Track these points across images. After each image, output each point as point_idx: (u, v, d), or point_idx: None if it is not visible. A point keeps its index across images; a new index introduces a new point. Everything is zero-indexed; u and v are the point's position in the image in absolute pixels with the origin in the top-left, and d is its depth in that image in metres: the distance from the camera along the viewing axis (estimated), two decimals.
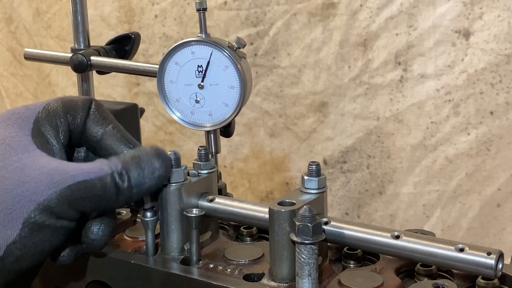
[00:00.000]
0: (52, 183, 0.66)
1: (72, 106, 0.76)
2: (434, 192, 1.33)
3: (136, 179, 0.70)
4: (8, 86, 1.87)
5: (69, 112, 0.76)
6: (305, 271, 0.66)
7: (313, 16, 1.36)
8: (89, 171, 0.68)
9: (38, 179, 0.66)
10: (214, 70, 0.87)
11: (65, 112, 0.75)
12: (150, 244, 0.77)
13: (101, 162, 0.70)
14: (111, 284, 0.77)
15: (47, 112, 0.74)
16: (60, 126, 0.75)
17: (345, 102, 1.37)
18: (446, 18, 1.25)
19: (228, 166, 1.53)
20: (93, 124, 0.77)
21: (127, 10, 1.58)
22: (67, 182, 0.66)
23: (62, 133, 0.75)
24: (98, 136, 0.76)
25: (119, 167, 0.70)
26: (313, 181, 0.73)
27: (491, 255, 0.64)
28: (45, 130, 0.73)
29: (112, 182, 0.69)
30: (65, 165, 0.69)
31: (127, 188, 0.70)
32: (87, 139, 0.77)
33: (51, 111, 0.75)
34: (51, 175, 0.67)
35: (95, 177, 0.68)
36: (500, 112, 1.24)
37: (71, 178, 0.67)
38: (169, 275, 0.73)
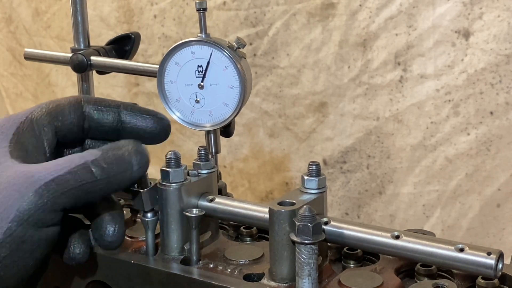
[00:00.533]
0: (19, 193, 0.63)
1: (59, 110, 0.74)
2: (434, 192, 1.33)
3: (113, 166, 0.67)
4: (8, 86, 1.87)
5: (56, 118, 0.74)
6: (305, 271, 0.66)
7: (312, 16, 1.36)
8: (58, 167, 0.65)
9: (6, 194, 0.63)
10: (214, 70, 0.87)
11: (51, 119, 0.73)
12: (150, 244, 0.77)
13: (75, 155, 0.67)
14: (111, 284, 0.77)
15: (29, 122, 0.72)
16: (44, 134, 0.72)
17: (344, 102, 1.37)
18: (445, 18, 1.25)
19: (228, 166, 1.53)
20: (100, 114, 0.75)
21: (126, 10, 1.58)
22: (33, 187, 0.63)
23: (47, 141, 0.73)
24: (115, 122, 0.76)
25: (97, 155, 0.67)
26: (313, 181, 0.73)
27: (491, 255, 0.64)
28: (25, 140, 0.71)
29: (86, 172, 0.65)
30: (34, 169, 0.65)
31: (106, 176, 0.66)
32: (101, 131, 0.76)
33: (34, 120, 0.72)
34: (17, 184, 0.63)
35: (65, 172, 0.64)
36: (500, 112, 1.24)
37: (37, 181, 0.63)
38: (169, 275, 0.73)
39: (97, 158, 0.67)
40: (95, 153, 0.68)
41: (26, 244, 0.62)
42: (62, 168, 0.65)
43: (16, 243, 0.62)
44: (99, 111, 0.76)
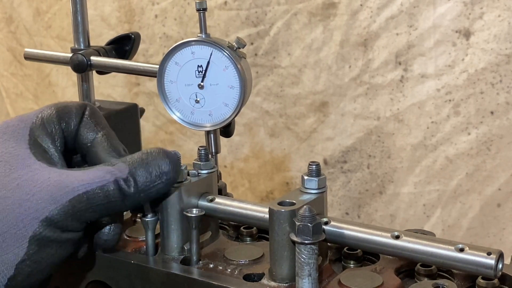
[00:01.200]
0: (53, 198, 0.66)
1: (66, 112, 0.76)
2: (434, 192, 1.33)
3: (143, 183, 0.69)
4: (8, 86, 1.87)
5: (62, 118, 0.75)
6: (305, 271, 0.66)
7: (313, 16, 1.36)
8: (90, 181, 0.68)
9: (39, 195, 0.66)
10: (214, 70, 0.87)
11: (58, 119, 0.75)
12: (150, 244, 0.77)
13: (104, 169, 0.69)
14: (111, 284, 0.77)
15: (41, 121, 0.74)
16: (55, 133, 0.74)
17: (345, 102, 1.37)
18: (446, 18, 1.25)
19: (228, 166, 1.53)
20: (84, 130, 0.76)
21: (127, 10, 1.58)
22: (68, 196, 0.66)
23: (58, 139, 0.75)
24: (89, 142, 0.76)
25: (125, 172, 0.69)
26: (313, 181, 0.72)
27: (491, 255, 0.64)
28: (41, 140, 0.73)
29: (116, 189, 0.68)
30: (65, 177, 0.68)
31: (133, 193, 0.69)
32: (79, 145, 0.77)
33: (45, 119, 0.74)
34: (52, 190, 0.67)
35: (97, 187, 0.67)
36: (501, 112, 1.24)
37: (72, 191, 0.67)
38: (169, 275, 0.73)
39: (127, 177, 0.69)
40: (123, 169, 0.69)
41: (53, 243, 0.67)
42: (94, 182, 0.67)
43: (43, 242, 0.66)
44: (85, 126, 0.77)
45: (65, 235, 0.67)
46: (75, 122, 0.76)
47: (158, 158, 0.71)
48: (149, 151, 0.72)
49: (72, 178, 0.68)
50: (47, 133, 0.74)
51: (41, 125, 0.74)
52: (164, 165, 0.70)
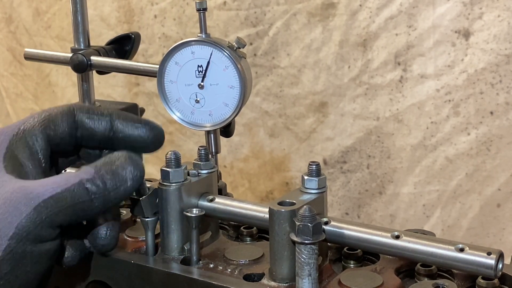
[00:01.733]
0: (18, 211, 0.63)
1: (51, 119, 0.74)
2: (434, 192, 1.33)
3: (111, 182, 0.68)
4: (8, 86, 1.87)
5: (48, 127, 0.73)
6: (305, 271, 0.66)
7: (312, 16, 1.36)
8: (54, 185, 0.65)
9: (3, 211, 0.63)
10: (214, 70, 0.87)
11: (43, 128, 0.73)
12: (150, 244, 0.77)
13: (69, 173, 0.68)
14: (111, 284, 0.77)
15: (22, 133, 0.72)
16: (37, 144, 0.72)
17: (345, 102, 1.37)
18: (446, 18, 1.25)
19: (228, 166, 1.53)
20: (93, 125, 0.75)
21: (126, 10, 1.58)
22: (32, 205, 0.63)
23: (41, 151, 0.72)
24: (106, 132, 0.75)
25: (91, 173, 0.68)
26: (313, 181, 0.72)
27: (491, 255, 0.64)
28: (18, 153, 0.71)
29: (82, 190, 0.66)
30: (30, 185, 0.66)
31: (101, 192, 0.67)
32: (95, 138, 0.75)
33: (26, 131, 0.72)
34: (15, 201, 0.64)
35: (61, 190, 0.65)
36: (500, 112, 1.24)
37: (36, 198, 0.64)
38: (169, 275, 0.73)
39: (92, 177, 0.67)
40: (89, 170, 0.68)
41: (26, 259, 0.63)
42: (59, 186, 0.65)
43: (16, 259, 0.62)
44: (91, 119, 0.75)
45: (39, 247, 0.64)
46: (64, 127, 0.74)
47: (122, 159, 0.70)
48: (113, 153, 0.71)
49: (36, 185, 0.65)
50: (27, 146, 0.71)
51: (21, 137, 0.71)
52: (128, 163, 0.69)
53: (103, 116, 0.76)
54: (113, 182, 0.68)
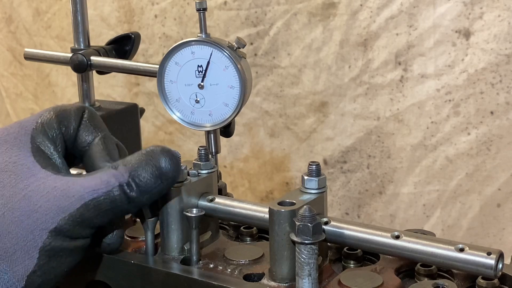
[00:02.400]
0: (61, 208, 0.66)
1: (65, 115, 0.76)
2: (434, 192, 1.33)
3: (144, 186, 0.69)
4: (8, 86, 1.87)
5: (62, 122, 0.75)
6: (305, 271, 0.66)
7: (313, 16, 1.36)
8: (95, 187, 0.68)
9: (47, 206, 0.67)
10: (214, 70, 0.87)
11: (58, 123, 0.75)
12: (150, 244, 0.77)
13: (107, 173, 0.69)
14: (111, 284, 0.77)
15: (41, 127, 0.74)
16: (56, 137, 0.74)
17: (345, 102, 1.37)
18: (446, 18, 1.25)
19: (228, 166, 1.53)
20: (83, 133, 0.76)
21: (126, 10, 1.58)
22: (75, 205, 0.67)
23: (60, 144, 0.74)
24: (86, 145, 0.76)
25: (126, 177, 0.69)
26: (313, 181, 0.72)
27: (491, 255, 0.64)
28: (44, 146, 0.73)
29: (121, 193, 0.68)
30: (72, 185, 0.68)
31: (136, 197, 0.69)
32: (77, 148, 0.77)
33: (45, 124, 0.74)
34: (59, 200, 0.67)
35: (103, 193, 0.68)
36: (501, 112, 1.24)
37: (79, 199, 0.67)
38: (169, 275, 0.73)
39: (128, 181, 0.69)
40: (125, 172, 0.69)
41: (62, 253, 0.67)
42: (100, 188, 0.68)
43: (53, 251, 0.67)
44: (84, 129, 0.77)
45: (74, 243, 0.68)
46: (74, 125, 0.76)
47: (157, 158, 0.70)
48: (149, 150, 0.71)
49: (78, 186, 0.68)
50: (48, 139, 0.74)
51: (41, 130, 0.73)
52: (164, 164, 0.70)
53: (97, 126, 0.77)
54: (147, 186, 0.69)
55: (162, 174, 0.70)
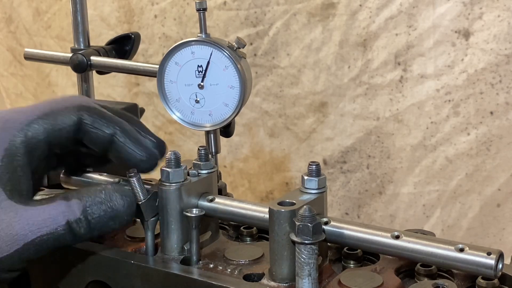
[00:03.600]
0: (1, 248, 0.67)
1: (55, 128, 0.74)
2: (434, 192, 1.33)
3: (96, 224, 0.70)
4: (8, 86, 1.87)
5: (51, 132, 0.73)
6: (305, 271, 0.66)
7: (312, 16, 1.36)
8: (41, 225, 0.68)
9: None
10: (214, 70, 0.87)
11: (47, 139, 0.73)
12: (150, 244, 0.77)
13: (58, 207, 0.69)
14: (111, 284, 0.77)
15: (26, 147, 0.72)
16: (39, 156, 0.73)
17: (345, 102, 1.37)
18: (446, 18, 1.25)
19: (228, 166, 1.53)
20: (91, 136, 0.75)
21: (126, 10, 1.58)
22: (15, 245, 0.67)
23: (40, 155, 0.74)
24: (103, 143, 0.76)
25: (78, 213, 0.69)
26: (313, 181, 0.72)
27: (491, 255, 0.64)
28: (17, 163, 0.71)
29: (67, 231, 0.69)
30: (18, 220, 0.68)
31: (84, 234, 0.70)
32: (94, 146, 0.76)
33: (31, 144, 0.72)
34: (2, 237, 0.67)
35: (47, 231, 0.68)
36: (500, 112, 1.24)
37: (21, 239, 0.67)
38: (169, 275, 0.73)
39: (80, 218, 0.69)
40: (76, 207, 0.69)
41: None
42: (45, 226, 0.68)
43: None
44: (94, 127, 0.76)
45: (10, 274, 0.69)
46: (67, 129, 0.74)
47: (114, 198, 0.71)
48: (107, 188, 0.71)
49: (23, 223, 0.68)
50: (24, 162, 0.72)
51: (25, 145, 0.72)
52: (119, 206, 0.71)
53: (107, 126, 0.76)
54: (98, 224, 0.70)
55: (116, 215, 0.71)
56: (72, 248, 0.77)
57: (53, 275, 0.80)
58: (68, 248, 0.77)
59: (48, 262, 0.79)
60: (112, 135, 0.75)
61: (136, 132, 0.77)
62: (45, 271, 0.80)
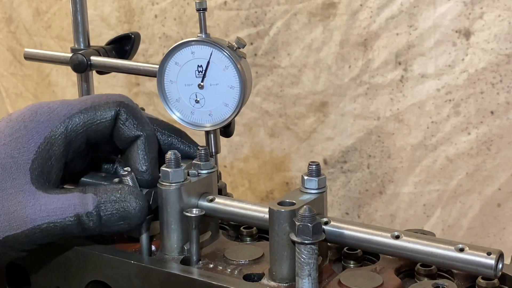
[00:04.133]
0: (12, 227, 0.71)
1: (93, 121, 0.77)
2: (434, 192, 1.33)
3: (107, 221, 0.73)
4: (8, 86, 1.87)
5: (90, 128, 0.77)
6: (305, 271, 0.66)
7: (313, 16, 1.36)
8: (51, 212, 0.71)
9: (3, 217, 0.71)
10: (214, 70, 0.87)
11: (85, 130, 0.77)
12: (145, 243, 0.77)
13: (72, 198, 0.72)
14: (111, 284, 0.77)
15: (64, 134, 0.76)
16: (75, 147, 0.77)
17: (345, 102, 1.37)
18: (446, 18, 1.25)
19: (228, 166, 1.53)
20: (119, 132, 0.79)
21: (127, 10, 1.58)
22: (23, 227, 0.71)
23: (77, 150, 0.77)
24: (126, 143, 0.79)
25: (91, 206, 0.72)
26: (313, 181, 0.72)
27: (491, 255, 0.64)
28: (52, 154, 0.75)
29: (74, 222, 0.72)
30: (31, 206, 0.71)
31: (93, 228, 0.73)
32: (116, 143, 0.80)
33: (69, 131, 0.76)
34: (11, 218, 0.71)
35: (55, 220, 0.71)
36: (501, 111, 1.24)
37: (30, 222, 0.71)
38: (169, 275, 0.73)
39: (91, 212, 0.72)
40: (92, 201, 0.72)
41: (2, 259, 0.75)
42: (54, 215, 0.71)
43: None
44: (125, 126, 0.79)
45: (13, 253, 0.73)
46: (108, 129, 0.78)
47: (129, 199, 0.73)
48: (123, 188, 0.74)
49: (35, 208, 0.71)
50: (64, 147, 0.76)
51: (64, 136, 0.75)
52: (132, 208, 0.73)
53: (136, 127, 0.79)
54: (109, 221, 0.73)
55: (127, 216, 0.73)
56: (72, 248, 0.78)
57: (53, 275, 0.80)
58: (68, 248, 0.78)
59: (48, 262, 0.79)
60: (136, 137, 0.78)
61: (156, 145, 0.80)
62: (45, 271, 0.80)
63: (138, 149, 0.78)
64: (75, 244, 0.78)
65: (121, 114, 0.78)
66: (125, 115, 0.79)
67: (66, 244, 0.78)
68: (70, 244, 0.78)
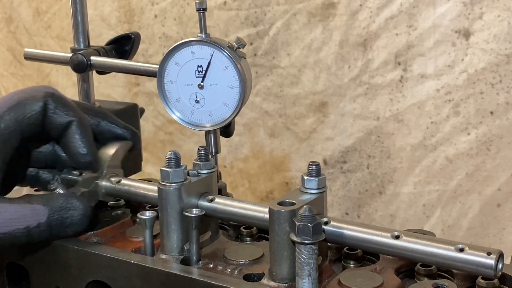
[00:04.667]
0: None
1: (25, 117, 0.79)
2: (434, 192, 1.33)
3: (56, 231, 0.75)
4: (8, 86, 1.87)
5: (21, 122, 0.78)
6: (305, 271, 0.66)
7: (313, 16, 1.36)
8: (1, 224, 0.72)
9: None
10: (214, 70, 0.87)
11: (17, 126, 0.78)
12: (148, 242, 0.77)
13: (22, 210, 0.74)
14: (111, 284, 0.77)
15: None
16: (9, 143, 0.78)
17: (345, 102, 1.37)
18: (446, 18, 1.25)
19: (228, 166, 1.53)
20: (50, 121, 0.80)
21: (127, 10, 1.58)
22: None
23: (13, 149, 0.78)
24: (59, 130, 0.81)
25: (42, 219, 0.74)
26: (313, 181, 0.72)
27: (491, 255, 0.64)
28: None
29: (25, 235, 0.73)
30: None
31: (43, 237, 0.75)
32: (49, 133, 0.81)
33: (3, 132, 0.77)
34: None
35: (5, 231, 0.72)
36: (500, 112, 1.24)
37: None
38: (169, 275, 0.73)
39: (42, 224, 0.74)
40: (43, 214, 0.74)
41: None
42: (3, 226, 0.72)
43: None
44: (55, 113, 0.81)
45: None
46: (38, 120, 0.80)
47: (73, 209, 0.76)
48: (69, 198, 0.77)
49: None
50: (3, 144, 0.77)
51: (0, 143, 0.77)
52: (76, 218, 0.76)
53: (66, 113, 0.81)
54: (57, 231, 0.76)
55: (72, 224, 0.76)
56: (72, 248, 0.78)
57: (53, 275, 0.80)
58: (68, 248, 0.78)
59: (48, 262, 0.79)
60: (69, 122, 0.81)
61: (89, 128, 0.83)
62: (45, 271, 0.80)
63: (74, 133, 0.80)
64: (75, 244, 0.78)
65: (49, 103, 0.80)
66: (53, 104, 0.81)
67: (66, 244, 0.78)
68: (70, 244, 0.78)
